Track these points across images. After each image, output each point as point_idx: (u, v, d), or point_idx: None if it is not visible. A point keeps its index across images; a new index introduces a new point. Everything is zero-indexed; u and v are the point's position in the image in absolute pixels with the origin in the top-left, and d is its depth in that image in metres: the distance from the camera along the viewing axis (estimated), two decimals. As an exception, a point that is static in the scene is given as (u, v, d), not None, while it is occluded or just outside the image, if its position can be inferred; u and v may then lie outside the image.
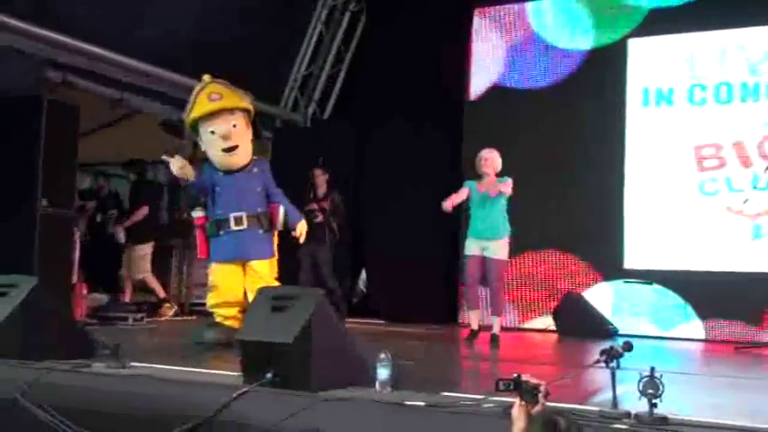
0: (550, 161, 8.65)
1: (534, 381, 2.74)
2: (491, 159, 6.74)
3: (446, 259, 8.75)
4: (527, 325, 8.67)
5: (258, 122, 10.20)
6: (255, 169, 5.74)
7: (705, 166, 8.21)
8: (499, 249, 6.63)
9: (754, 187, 7.45)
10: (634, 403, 3.02)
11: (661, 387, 2.92)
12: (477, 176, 6.82)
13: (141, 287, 8.62)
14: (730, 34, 8.23)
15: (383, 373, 3.56)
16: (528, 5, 9.24)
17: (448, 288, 8.89)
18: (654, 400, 2.92)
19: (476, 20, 9.46)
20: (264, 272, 5.58)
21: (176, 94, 8.85)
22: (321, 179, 8.55)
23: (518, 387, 2.69)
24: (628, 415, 2.98)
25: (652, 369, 2.96)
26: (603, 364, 3.24)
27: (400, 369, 3.82)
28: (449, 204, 6.58)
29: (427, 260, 8.77)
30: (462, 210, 7.13)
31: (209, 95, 5.56)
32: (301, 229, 5.84)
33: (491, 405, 3.18)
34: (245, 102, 5.74)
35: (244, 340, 3.62)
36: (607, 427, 2.90)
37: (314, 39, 10.32)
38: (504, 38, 9.31)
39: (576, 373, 4.59)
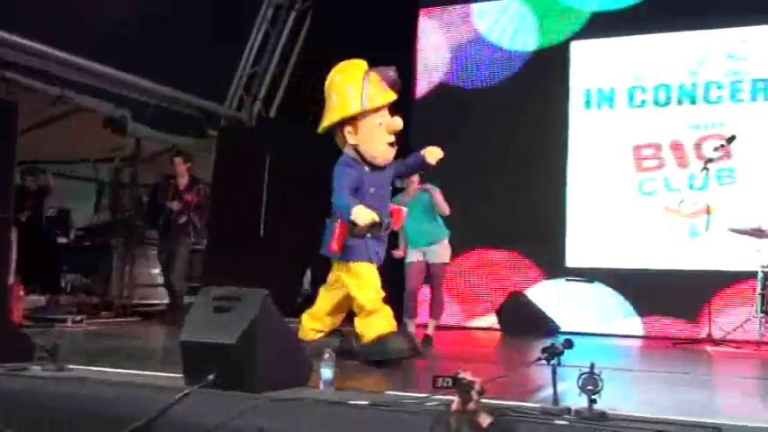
0: (494, 161, 8.74)
1: (470, 378, 2.77)
2: None
3: (392, 260, 8.77)
4: (471, 323, 8.76)
5: (203, 121, 10.20)
6: (389, 167, 5.23)
7: (644, 167, 8.40)
8: (440, 252, 6.62)
9: (691, 187, 7.65)
10: (574, 399, 3.07)
11: (600, 383, 2.97)
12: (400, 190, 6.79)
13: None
14: (669, 38, 8.44)
15: (326, 372, 3.56)
16: (473, 7, 9.34)
17: (394, 289, 8.89)
18: (593, 396, 2.97)
19: (421, 20, 9.53)
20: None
21: (118, 91, 8.73)
22: (182, 169, 7.98)
23: (455, 384, 2.72)
24: (568, 411, 3.02)
25: (592, 366, 3.01)
26: (545, 362, 3.29)
27: (345, 369, 3.83)
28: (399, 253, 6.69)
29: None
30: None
31: (379, 82, 5.16)
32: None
33: (434, 403, 3.20)
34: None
35: (185, 341, 3.57)
36: (547, 423, 2.94)
37: (259, 37, 10.25)
38: (450, 38, 9.39)
39: (519, 371, 4.64)
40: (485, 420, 2.77)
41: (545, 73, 8.79)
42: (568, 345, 3.46)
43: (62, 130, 9.29)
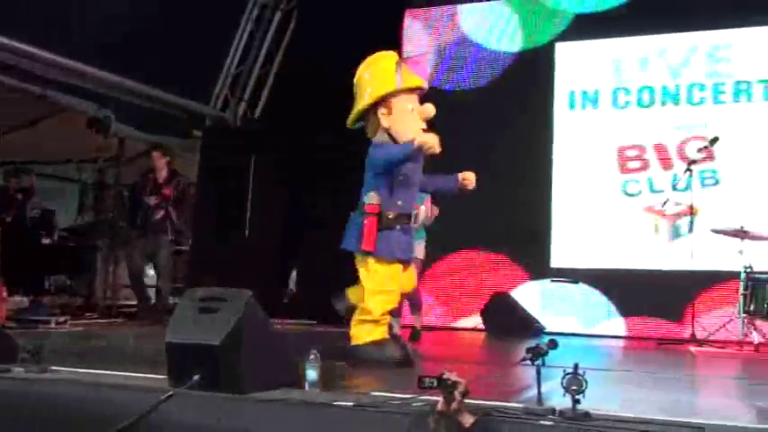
0: (479, 162, 8.70)
1: (455, 378, 2.79)
2: None
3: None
4: (456, 324, 8.77)
5: (188, 121, 10.17)
6: (421, 159, 5.02)
7: (628, 168, 8.45)
8: (416, 249, 6.65)
9: (674, 188, 7.70)
10: (559, 400, 3.08)
11: (584, 383, 2.98)
12: None
13: None
14: (652, 40, 8.50)
15: (312, 373, 3.56)
16: (458, 8, 9.36)
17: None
18: (577, 396, 2.98)
19: (406, 21, 9.54)
20: (416, 272, 5.20)
21: (102, 91, 8.68)
22: (161, 162, 7.74)
23: (440, 384, 2.74)
24: (552, 411, 3.03)
25: (575, 366, 3.03)
26: (529, 362, 3.30)
27: (331, 369, 3.83)
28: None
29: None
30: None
31: (410, 69, 5.11)
32: None
33: (420, 404, 3.21)
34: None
35: (170, 343, 3.56)
36: (532, 424, 2.95)
37: (244, 37, 10.23)
38: (435, 39, 9.41)
39: (503, 371, 4.65)
40: (467, 420, 2.79)
41: (530, 74, 8.82)
42: (553, 345, 3.48)
43: (45, 131, 9.24)
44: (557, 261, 8.54)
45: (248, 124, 10.35)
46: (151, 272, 8.84)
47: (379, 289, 4.83)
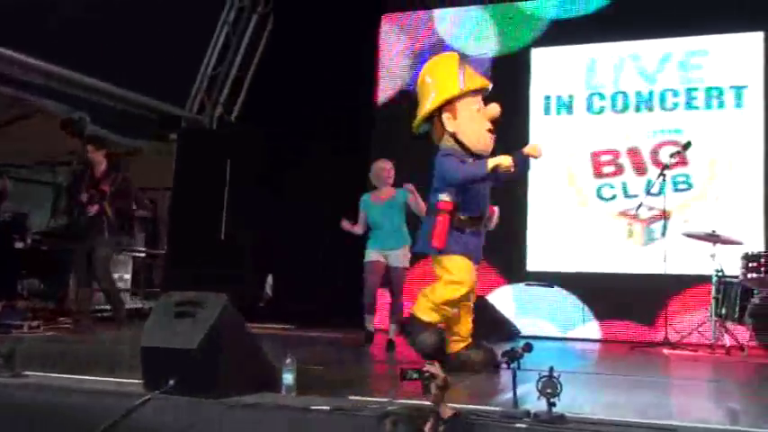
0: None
1: (433, 371, 2.88)
2: (389, 170, 6.75)
3: (354, 264, 8.80)
4: (433, 328, 8.78)
5: (164, 124, 10.12)
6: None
7: (603, 173, 8.53)
8: (401, 257, 6.65)
9: (648, 193, 7.77)
10: (534, 403, 3.11)
11: (559, 386, 3.01)
12: (372, 187, 6.84)
13: None
14: (627, 46, 8.59)
15: (288, 377, 3.55)
16: (435, 13, 9.40)
17: (356, 293, 8.93)
18: (552, 399, 3.01)
19: (383, 26, 9.56)
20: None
21: (77, 93, 8.62)
22: (98, 156, 7.27)
23: (420, 376, 2.85)
24: (527, 414, 3.06)
25: (551, 369, 3.06)
26: (505, 365, 3.33)
27: (307, 374, 3.82)
28: (347, 227, 6.67)
29: (335, 265, 8.79)
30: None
31: (475, 70, 5.07)
32: None
33: (396, 407, 3.21)
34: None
35: (145, 347, 3.54)
36: (507, 426, 2.97)
37: (221, 40, 10.20)
38: (412, 44, 9.44)
39: (479, 375, 4.68)
40: (447, 413, 2.85)
41: (506, 79, 8.82)
42: (528, 348, 3.51)
43: (19, 133, 9.15)
44: (532, 265, 8.59)
45: (225, 127, 10.31)
46: (116, 274, 8.75)
47: (449, 279, 4.87)
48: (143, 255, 10.37)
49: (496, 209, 5.14)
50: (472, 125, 4.93)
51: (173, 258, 9.78)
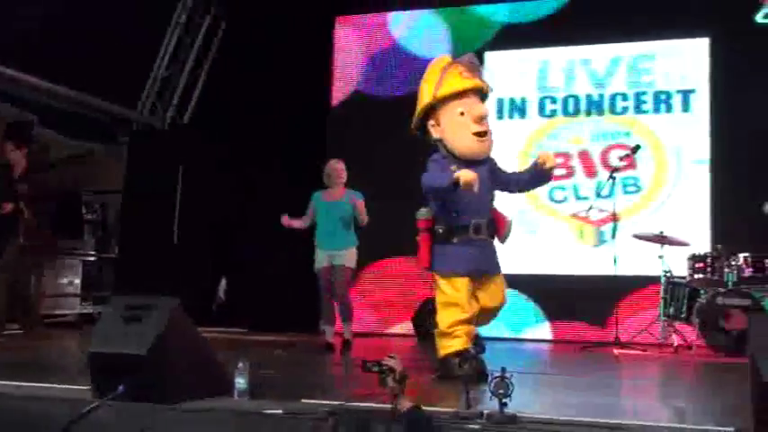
0: (409, 169, 8.77)
1: (390, 364, 2.96)
2: (343, 171, 6.77)
3: (308, 266, 8.77)
4: (388, 331, 8.80)
5: (115, 126, 9.97)
6: (489, 165, 4.83)
7: (555, 175, 8.60)
8: (347, 257, 6.66)
9: (598, 195, 7.89)
10: (487, 403, 3.13)
11: (510, 387, 3.04)
12: (323, 186, 6.84)
13: None
14: (578, 50, 8.72)
15: (241, 382, 3.53)
16: (389, 15, 9.42)
17: (310, 296, 8.90)
18: (504, 400, 3.04)
19: (337, 27, 9.55)
20: (498, 290, 4.85)
21: (24, 95, 8.44)
22: (15, 156, 6.94)
23: (378, 369, 2.95)
24: (480, 415, 3.09)
25: (503, 370, 3.09)
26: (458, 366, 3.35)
27: (260, 378, 3.80)
28: (287, 222, 6.65)
29: (289, 267, 8.74)
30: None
31: (460, 73, 4.85)
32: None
33: (349, 410, 3.21)
34: (487, 86, 5.01)
35: (93, 353, 3.48)
36: (460, 428, 2.99)
37: (173, 42, 10.08)
38: (366, 46, 9.45)
39: (433, 376, 4.69)
40: (404, 405, 2.88)
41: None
42: (480, 350, 3.54)
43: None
44: (486, 267, 8.64)
45: (177, 129, 10.19)
46: (63, 280, 8.60)
47: (444, 301, 4.71)
48: (93, 258, 10.19)
49: (508, 219, 4.96)
50: (455, 130, 4.81)
51: (124, 262, 9.64)
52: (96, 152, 9.73)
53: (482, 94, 4.98)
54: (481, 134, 4.79)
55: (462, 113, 4.78)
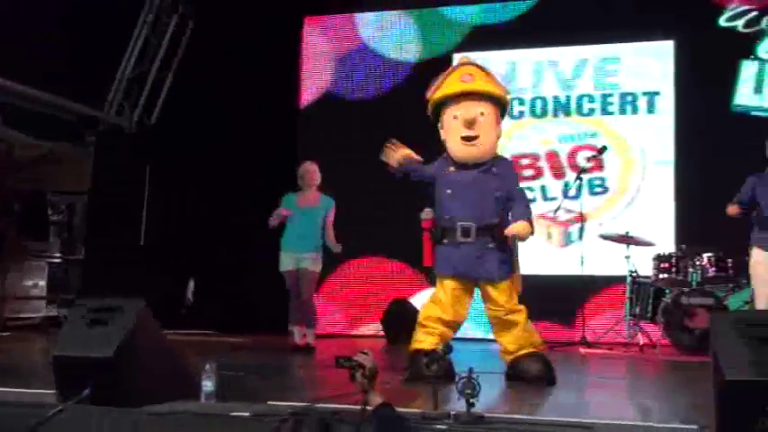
0: (378, 170, 8.79)
1: (360, 360, 3.01)
2: (315, 173, 6.77)
3: (276, 267, 8.75)
4: (356, 332, 8.80)
5: (81, 126, 9.84)
6: (495, 169, 4.81)
7: (522, 176, 8.66)
8: (312, 262, 6.68)
9: (566, 196, 7.95)
10: (455, 403, 3.14)
11: (478, 387, 3.06)
12: (297, 188, 6.84)
13: None
14: (545, 52, 8.78)
15: (208, 384, 3.51)
16: (356, 16, 9.42)
17: (278, 297, 8.87)
18: (471, 400, 3.05)
19: (306, 28, 9.54)
20: (499, 297, 4.85)
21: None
22: None
23: (348, 365, 3.00)
24: (447, 416, 3.10)
25: (470, 370, 3.10)
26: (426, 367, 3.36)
27: (228, 380, 3.78)
28: (274, 222, 6.63)
29: (257, 269, 8.70)
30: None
31: (461, 76, 4.88)
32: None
33: (316, 412, 3.21)
34: (500, 90, 4.93)
35: (58, 356, 3.44)
36: (428, 428, 3.00)
37: (140, 42, 9.97)
38: (335, 47, 9.44)
39: (402, 377, 4.70)
40: (374, 401, 2.89)
41: (428, 83, 8.93)
42: (448, 350, 3.55)
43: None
44: (455, 267, 8.67)
45: (144, 130, 10.09)
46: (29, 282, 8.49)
47: (431, 296, 4.93)
48: (58, 260, 10.06)
49: (514, 232, 4.79)
50: (449, 133, 4.90)
51: (90, 264, 9.53)
52: (62, 153, 9.59)
53: (490, 97, 4.88)
54: (469, 138, 4.78)
55: (455, 117, 4.83)
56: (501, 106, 4.94)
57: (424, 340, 4.73)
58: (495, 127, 4.86)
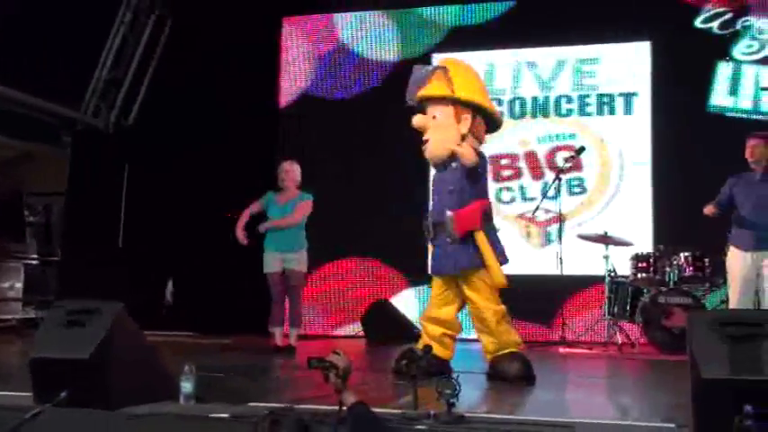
0: (358, 171, 8.83)
1: (333, 360, 3.00)
2: (292, 172, 6.76)
3: (256, 268, 8.71)
4: (336, 332, 8.79)
5: (58, 127, 9.75)
6: (454, 164, 4.84)
7: (502, 176, 8.72)
8: (299, 261, 6.68)
9: (544, 196, 7.98)
10: (435, 404, 3.14)
11: (458, 387, 3.06)
12: (278, 188, 6.83)
13: None
14: (523, 53, 8.82)
15: (187, 386, 3.49)
16: (335, 17, 9.41)
17: (258, 298, 8.83)
18: (451, 400, 3.06)
19: (285, 29, 9.51)
20: (475, 296, 4.94)
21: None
22: None
23: (321, 365, 2.99)
24: (428, 416, 3.10)
25: (450, 370, 3.10)
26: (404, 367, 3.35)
27: (207, 381, 3.76)
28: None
29: (237, 269, 8.66)
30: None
31: (440, 78, 5.02)
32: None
33: (295, 413, 3.20)
34: (448, 90, 4.91)
35: (35, 358, 3.41)
36: (408, 428, 3.00)
37: (117, 42, 9.89)
38: (313, 47, 9.42)
39: (382, 377, 4.70)
40: (348, 400, 2.89)
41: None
42: (427, 350, 3.55)
43: None
44: (434, 267, 8.68)
45: (121, 131, 10.01)
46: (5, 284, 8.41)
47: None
48: (35, 262, 9.97)
49: (449, 214, 4.82)
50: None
51: (67, 265, 9.45)
52: (39, 153, 9.51)
53: (442, 99, 5.02)
54: (423, 143, 5.03)
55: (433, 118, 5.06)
56: (462, 103, 4.90)
57: (420, 339, 4.98)
58: (451, 125, 4.88)
